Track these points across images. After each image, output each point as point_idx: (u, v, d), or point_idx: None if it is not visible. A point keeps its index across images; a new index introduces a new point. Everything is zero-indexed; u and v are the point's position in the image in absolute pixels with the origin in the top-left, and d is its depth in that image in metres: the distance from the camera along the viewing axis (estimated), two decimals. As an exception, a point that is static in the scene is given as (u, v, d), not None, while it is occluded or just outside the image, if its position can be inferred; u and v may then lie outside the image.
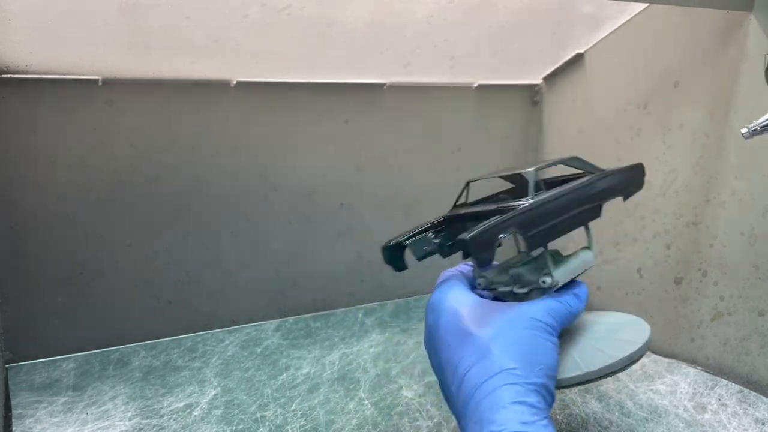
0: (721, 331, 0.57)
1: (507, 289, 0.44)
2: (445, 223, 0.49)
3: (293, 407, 0.55)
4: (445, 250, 0.47)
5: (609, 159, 0.73)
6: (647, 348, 0.45)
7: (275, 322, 0.75)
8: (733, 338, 0.56)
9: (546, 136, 0.87)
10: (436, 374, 0.43)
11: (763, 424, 0.49)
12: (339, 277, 0.79)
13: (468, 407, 0.37)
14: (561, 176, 0.48)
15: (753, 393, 0.53)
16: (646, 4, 0.65)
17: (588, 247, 0.48)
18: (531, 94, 0.88)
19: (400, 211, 0.82)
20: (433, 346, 0.44)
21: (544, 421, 0.35)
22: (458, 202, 0.51)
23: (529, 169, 0.44)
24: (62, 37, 0.55)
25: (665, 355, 0.63)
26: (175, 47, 0.61)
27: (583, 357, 0.43)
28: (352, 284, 0.81)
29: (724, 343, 0.57)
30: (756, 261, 0.54)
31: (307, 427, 0.51)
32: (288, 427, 0.52)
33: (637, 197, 0.49)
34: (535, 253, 0.46)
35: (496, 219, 0.40)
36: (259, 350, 0.68)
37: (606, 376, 0.43)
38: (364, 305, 0.81)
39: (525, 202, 0.42)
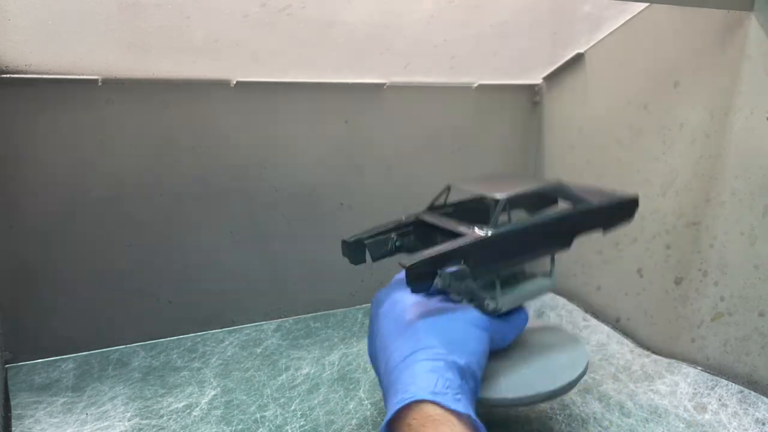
0: (722, 331, 0.57)
1: (458, 298, 0.44)
2: (413, 226, 0.48)
3: (293, 407, 0.55)
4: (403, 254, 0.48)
5: (609, 159, 0.73)
6: (574, 384, 0.45)
7: (275, 322, 0.75)
8: (733, 338, 0.56)
9: (546, 136, 0.87)
10: (372, 363, 0.46)
11: (764, 424, 0.49)
12: (339, 277, 0.79)
13: (390, 380, 0.38)
14: (541, 188, 0.46)
15: (753, 393, 0.53)
16: (646, 4, 0.65)
17: (548, 274, 0.47)
18: (531, 94, 0.87)
19: (400, 211, 0.82)
20: (372, 336, 0.46)
21: (458, 396, 0.35)
22: (435, 203, 0.50)
23: (499, 196, 0.41)
24: (62, 37, 0.55)
25: (665, 355, 0.63)
26: (175, 47, 0.61)
27: (508, 382, 0.43)
28: (352, 284, 0.81)
29: (725, 343, 0.57)
30: (756, 261, 0.54)
31: (306, 427, 0.51)
32: (288, 427, 0.52)
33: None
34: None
35: (442, 248, 0.39)
36: (258, 350, 0.68)
37: (527, 404, 0.43)
38: (364, 305, 0.81)
39: (481, 233, 0.40)
